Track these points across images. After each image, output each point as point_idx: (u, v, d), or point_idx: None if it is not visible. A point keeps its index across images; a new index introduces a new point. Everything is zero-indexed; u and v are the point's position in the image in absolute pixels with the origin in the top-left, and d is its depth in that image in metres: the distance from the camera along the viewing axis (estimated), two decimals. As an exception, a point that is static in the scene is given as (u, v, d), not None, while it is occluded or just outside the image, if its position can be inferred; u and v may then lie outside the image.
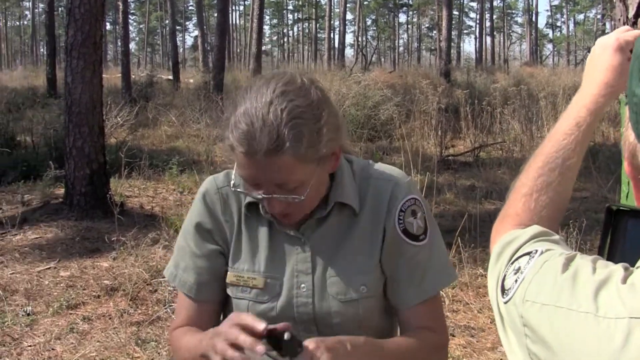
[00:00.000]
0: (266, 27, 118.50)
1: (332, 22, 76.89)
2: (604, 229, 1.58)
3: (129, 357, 5.39)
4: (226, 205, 2.24)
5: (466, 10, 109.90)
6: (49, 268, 7.59)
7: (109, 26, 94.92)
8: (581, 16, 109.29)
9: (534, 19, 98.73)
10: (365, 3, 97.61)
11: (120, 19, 28.88)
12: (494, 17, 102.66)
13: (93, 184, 9.86)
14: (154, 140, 16.62)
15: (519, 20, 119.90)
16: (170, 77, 32.89)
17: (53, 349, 5.62)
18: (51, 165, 11.19)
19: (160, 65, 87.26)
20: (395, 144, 16.28)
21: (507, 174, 13.34)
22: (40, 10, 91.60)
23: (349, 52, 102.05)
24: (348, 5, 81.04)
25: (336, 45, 76.89)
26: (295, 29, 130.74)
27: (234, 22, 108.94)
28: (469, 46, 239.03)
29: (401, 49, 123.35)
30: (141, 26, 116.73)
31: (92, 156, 9.84)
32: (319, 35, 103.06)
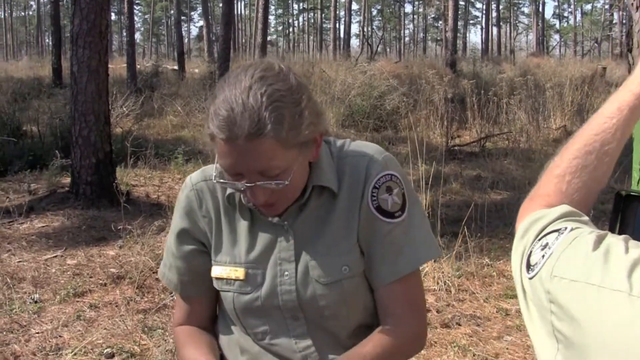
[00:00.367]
0: (271, 17, 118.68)
1: (337, 12, 76.66)
2: (613, 214, 1.57)
3: (135, 344, 5.40)
4: (202, 201, 2.23)
5: (472, 0, 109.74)
6: (55, 256, 7.61)
7: (114, 16, 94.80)
8: (588, 6, 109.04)
9: (540, 9, 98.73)
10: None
11: (126, 8, 28.84)
12: (500, 7, 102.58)
13: (99, 173, 9.87)
14: (159, 129, 16.62)
15: (526, 10, 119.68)
16: (176, 67, 32.91)
17: (60, 335, 5.64)
18: (57, 154, 11.20)
19: (165, 55, 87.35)
20: (401, 134, 16.25)
21: (514, 164, 13.34)
22: (45, 1, 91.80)
23: (354, 42, 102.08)
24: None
25: (342, 35, 76.89)
26: (301, 19, 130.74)
27: (239, 12, 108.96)
28: (475, 37, 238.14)
29: (407, 39, 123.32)
30: (146, 16, 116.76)
31: (98, 145, 9.85)
32: (324, 25, 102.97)
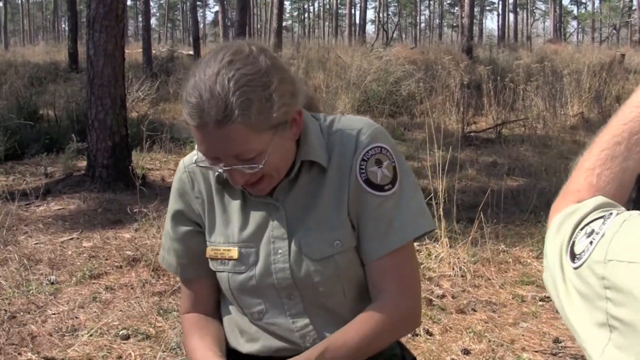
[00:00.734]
0: (287, 3, 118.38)
1: (353, -2, 76.58)
2: (635, 197, 1.56)
3: (150, 326, 5.41)
4: (194, 183, 2.24)
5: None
6: (72, 238, 7.63)
7: (129, 1, 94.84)
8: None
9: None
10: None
11: (142, -7, 28.85)
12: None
13: (115, 156, 9.88)
14: (174, 114, 16.60)
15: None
16: (191, 52, 32.89)
17: (76, 317, 5.66)
18: (73, 138, 11.23)
19: (180, 40, 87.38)
20: (416, 120, 16.23)
21: (530, 150, 13.30)
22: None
23: (370, 28, 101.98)
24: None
25: (357, 21, 76.96)
26: (316, 4, 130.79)
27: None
28: (491, 23, 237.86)
29: (423, 25, 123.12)
30: (162, 1, 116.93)
31: (114, 128, 9.86)
32: (340, 11, 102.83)
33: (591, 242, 1.32)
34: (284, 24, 39.17)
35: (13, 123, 12.10)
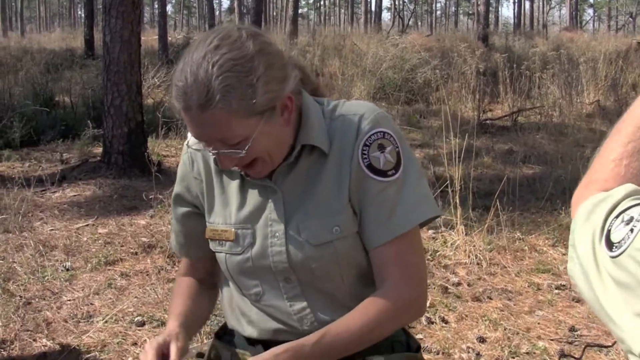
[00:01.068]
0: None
1: (369, -15, 76.43)
2: None
3: (166, 312, 5.40)
4: (194, 163, 2.27)
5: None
6: (87, 225, 7.65)
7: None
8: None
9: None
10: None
11: (158, -20, 28.84)
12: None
13: (131, 143, 9.89)
14: (190, 101, 16.63)
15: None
16: (207, 39, 32.85)
17: (92, 303, 5.67)
18: (89, 124, 11.27)
19: (196, 27, 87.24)
20: (432, 107, 16.20)
21: (546, 138, 13.25)
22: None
23: (385, 15, 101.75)
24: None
25: (373, 8, 76.68)
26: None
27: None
28: (507, 11, 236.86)
29: (438, 12, 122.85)
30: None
31: (130, 115, 9.87)
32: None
33: (632, 230, 1.29)
34: (299, 11, 39.20)
35: (29, 109, 12.13)
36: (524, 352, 4.99)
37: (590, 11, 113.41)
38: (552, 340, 5.17)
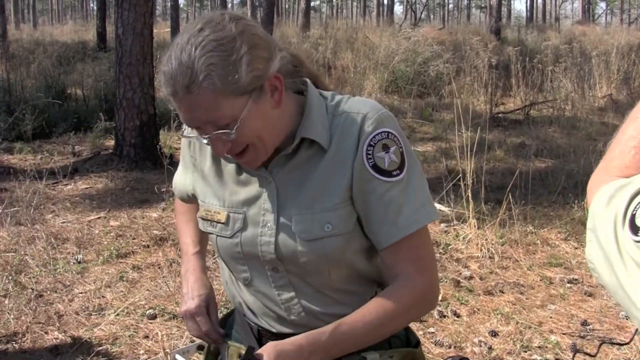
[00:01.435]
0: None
1: (381, -22, 76.32)
2: None
3: (177, 305, 5.41)
4: (191, 145, 2.30)
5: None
6: (99, 217, 7.66)
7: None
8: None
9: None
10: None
11: (170, -28, 28.86)
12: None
13: (143, 135, 9.91)
14: (202, 93, 16.65)
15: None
16: (219, 32, 32.85)
17: (103, 296, 5.68)
18: (101, 116, 11.29)
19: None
20: (444, 101, 16.19)
21: (558, 132, 13.23)
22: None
23: (397, 8, 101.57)
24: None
25: (385, 1, 76.49)
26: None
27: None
28: (519, 4, 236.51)
29: (451, 6, 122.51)
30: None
31: (142, 107, 9.89)
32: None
33: None
34: (312, 4, 39.16)
35: (41, 102, 12.16)
36: (536, 346, 4.98)
37: (603, 4, 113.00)
38: (564, 334, 5.16)
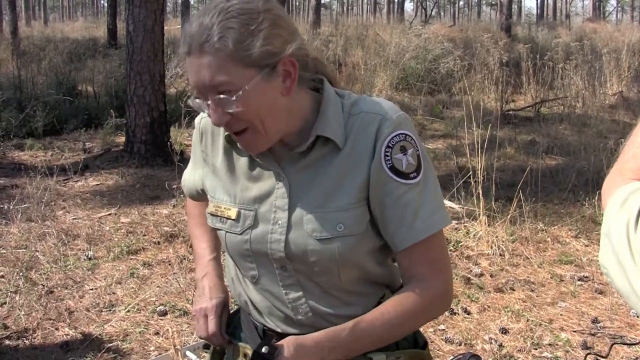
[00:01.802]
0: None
1: (392, -25, 76.18)
2: None
3: (188, 302, 5.43)
4: (202, 137, 2.29)
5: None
6: (109, 214, 7.68)
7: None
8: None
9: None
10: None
11: (181, -31, 28.85)
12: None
13: (153, 132, 9.93)
14: (213, 90, 16.65)
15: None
16: (230, 28, 32.87)
17: (114, 292, 5.69)
18: (112, 113, 11.31)
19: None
20: (455, 98, 16.16)
21: (569, 129, 13.20)
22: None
23: (408, 6, 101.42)
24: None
25: (396, -1, 76.38)
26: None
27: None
28: (530, 1, 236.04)
29: (461, 3, 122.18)
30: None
31: (153, 104, 9.90)
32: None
33: None
34: (322, 1, 39.13)
35: (52, 98, 12.20)
36: (547, 344, 4.98)
37: (614, 2, 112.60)
38: (574, 331, 5.15)
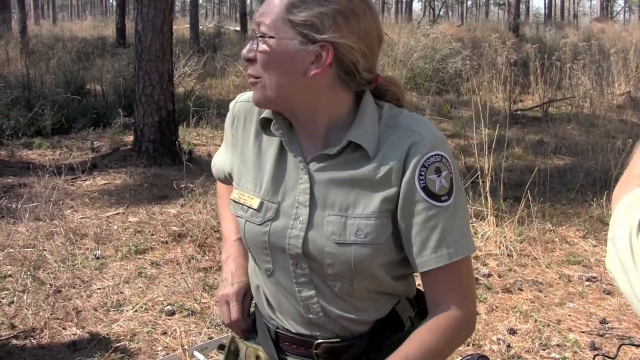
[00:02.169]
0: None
1: (400, -26, 76.10)
2: None
3: (196, 302, 5.43)
4: (234, 120, 2.27)
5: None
6: (117, 213, 7.68)
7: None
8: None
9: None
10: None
11: (189, -31, 28.87)
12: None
13: (162, 131, 9.93)
14: (221, 90, 16.64)
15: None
16: (238, 28, 32.88)
17: (122, 292, 5.70)
18: (120, 112, 11.32)
19: (227, 16, 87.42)
20: (463, 98, 16.15)
21: (577, 129, 13.19)
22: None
23: (416, 5, 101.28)
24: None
25: (404, -2, 76.32)
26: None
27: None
28: (538, 1, 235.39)
29: (469, 3, 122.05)
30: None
31: (162, 103, 9.91)
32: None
33: None
34: (330, 0, 39.03)
35: (60, 97, 12.23)
36: (555, 344, 4.97)
37: (621, 2, 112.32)
38: (582, 332, 5.15)
